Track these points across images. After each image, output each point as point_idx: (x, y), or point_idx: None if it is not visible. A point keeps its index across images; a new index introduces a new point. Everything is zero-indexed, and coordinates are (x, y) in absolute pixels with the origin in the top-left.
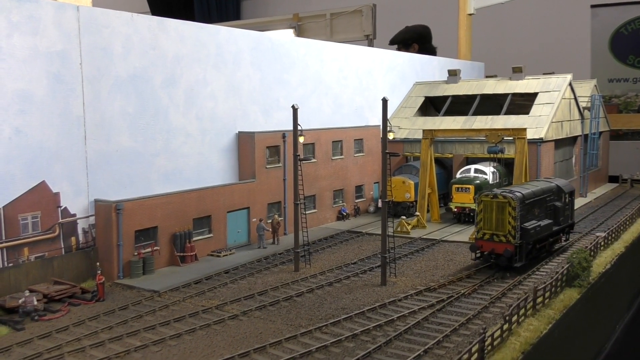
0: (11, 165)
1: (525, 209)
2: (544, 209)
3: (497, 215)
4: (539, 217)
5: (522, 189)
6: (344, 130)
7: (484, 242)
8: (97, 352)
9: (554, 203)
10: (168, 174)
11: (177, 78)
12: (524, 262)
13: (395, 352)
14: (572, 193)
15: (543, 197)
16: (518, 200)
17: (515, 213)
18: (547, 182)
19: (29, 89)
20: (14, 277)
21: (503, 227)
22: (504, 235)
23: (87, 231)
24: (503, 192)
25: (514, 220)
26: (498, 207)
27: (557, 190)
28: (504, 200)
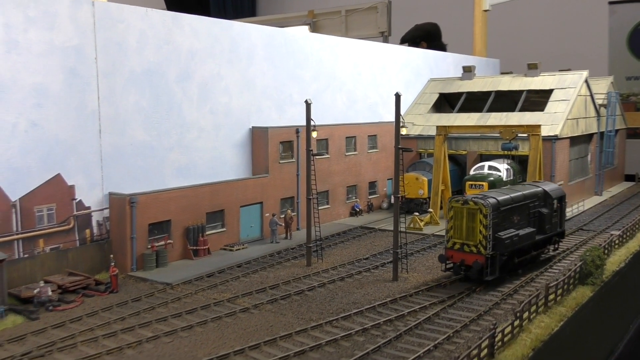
0: (27, 158)
1: (501, 216)
2: (525, 216)
3: (467, 223)
4: (519, 225)
5: (498, 194)
6: (358, 126)
7: (454, 252)
8: (109, 342)
9: (539, 210)
10: (182, 168)
11: (191, 73)
12: (497, 276)
13: (405, 347)
14: (561, 199)
15: (524, 203)
16: (490, 206)
17: (487, 221)
18: (532, 186)
19: (45, 82)
20: (30, 268)
21: (474, 237)
22: (475, 245)
23: (101, 224)
24: (474, 197)
25: (485, 228)
26: (469, 214)
27: (544, 196)
28: (474, 207)
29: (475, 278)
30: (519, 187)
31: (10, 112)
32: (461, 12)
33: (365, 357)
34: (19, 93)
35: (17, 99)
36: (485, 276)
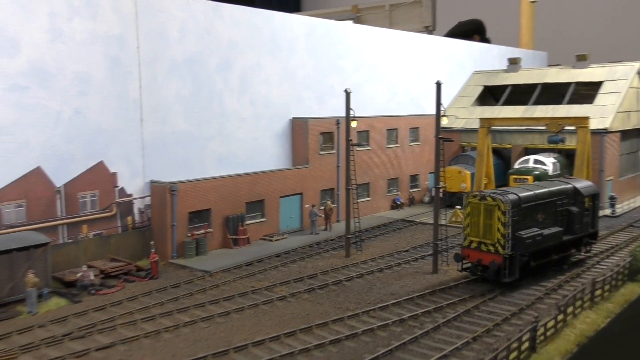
0: (71, 145)
1: (522, 213)
2: (552, 214)
3: (485, 221)
4: (544, 224)
5: (520, 190)
6: (399, 119)
7: (471, 251)
8: (147, 326)
9: (568, 208)
10: (222, 158)
11: (232, 63)
12: (516, 277)
13: (442, 338)
14: (594, 197)
15: (551, 200)
16: (510, 203)
17: (506, 218)
18: (561, 183)
19: (88, 71)
20: (73, 252)
21: (491, 235)
22: (492, 244)
23: (142, 211)
24: (493, 193)
25: (503, 226)
26: (486, 211)
27: (573, 193)
28: (492, 203)
29: (492, 279)
30: (545, 183)
31: (55, 100)
32: (507, 4)
33: (401, 347)
34: (63, 81)
35: (61, 87)
36: (503, 278)
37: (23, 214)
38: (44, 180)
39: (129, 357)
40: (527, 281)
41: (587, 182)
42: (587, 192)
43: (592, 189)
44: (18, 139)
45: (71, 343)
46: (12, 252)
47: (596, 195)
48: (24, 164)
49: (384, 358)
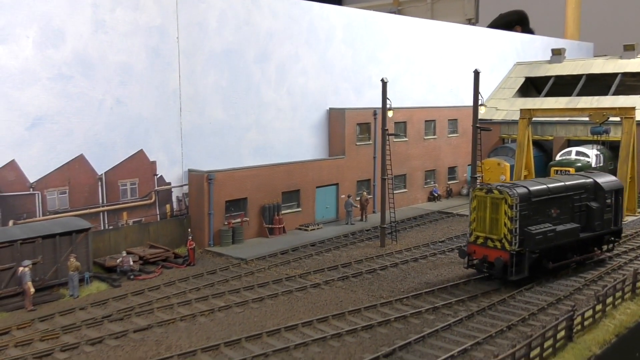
0: (112, 134)
1: (532, 208)
2: (568, 210)
3: (491, 215)
4: (560, 219)
5: (531, 184)
6: (438, 110)
7: (477, 246)
8: (183, 310)
9: (587, 203)
10: (259, 148)
11: (270, 54)
12: (525, 275)
13: (476, 326)
14: (618, 192)
15: (567, 195)
16: (517, 196)
17: (513, 212)
18: (581, 177)
19: (129, 61)
20: (114, 239)
21: (498, 230)
22: (499, 240)
23: (180, 200)
24: (500, 186)
25: (510, 221)
26: (492, 205)
27: (594, 188)
28: (499, 196)
29: (499, 277)
30: (563, 177)
31: (97, 89)
32: None
33: (434, 334)
34: (105, 71)
35: (103, 77)
36: (510, 275)
37: (66, 201)
38: (86, 168)
39: (166, 339)
40: (561, 275)
41: (611, 177)
42: (610, 187)
43: (615, 183)
44: (62, 127)
45: (110, 325)
46: (56, 237)
47: (620, 190)
48: (68, 151)
49: (416, 344)
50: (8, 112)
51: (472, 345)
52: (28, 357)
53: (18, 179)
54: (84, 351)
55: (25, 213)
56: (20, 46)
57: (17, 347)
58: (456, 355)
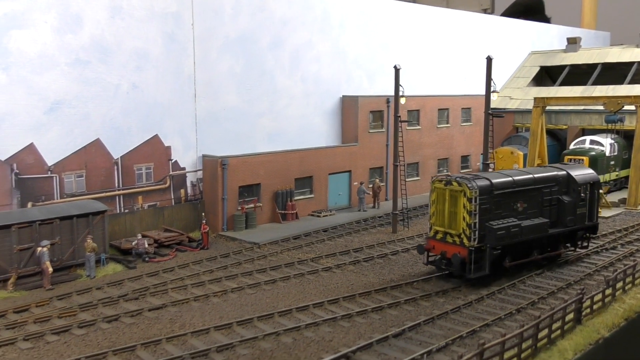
0: (128, 119)
1: (495, 201)
2: (537, 204)
3: (450, 208)
4: (526, 214)
5: (495, 176)
6: (451, 99)
7: (436, 242)
8: (197, 290)
9: (559, 197)
10: (272, 134)
11: (283, 40)
12: (485, 273)
13: (486, 309)
14: (593, 185)
15: (535, 188)
16: (477, 189)
17: (472, 206)
18: (554, 169)
19: (145, 47)
20: (129, 222)
21: (456, 224)
22: (458, 235)
23: (195, 184)
24: (460, 177)
25: (469, 215)
26: (451, 198)
27: (566, 181)
28: (457, 189)
29: (457, 275)
30: (532, 169)
31: (114, 75)
32: None
33: (444, 315)
34: (121, 56)
35: (119, 62)
36: (468, 273)
37: (83, 184)
38: (102, 152)
39: (179, 318)
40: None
41: (587, 170)
42: (584, 180)
43: (590, 176)
44: (79, 111)
45: (126, 304)
46: (73, 219)
47: (596, 184)
48: (85, 135)
49: (425, 325)
50: (27, 96)
51: (481, 327)
52: (47, 333)
53: (36, 162)
54: (101, 328)
55: (43, 195)
56: (39, 31)
57: (36, 323)
58: (465, 335)
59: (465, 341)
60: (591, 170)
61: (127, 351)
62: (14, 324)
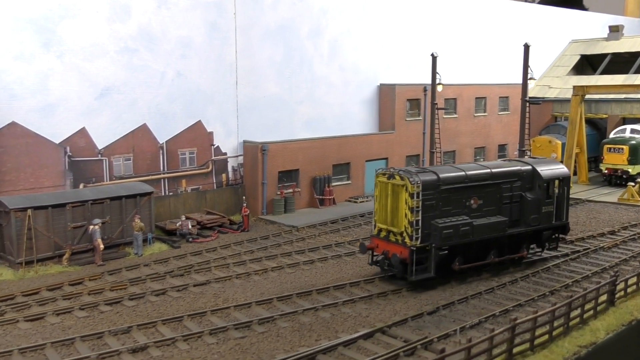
0: (173, 105)
1: (443, 197)
2: (494, 200)
3: (392, 204)
4: (481, 211)
5: (443, 169)
6: (489, 87)
7: (380, 240)
8: (238, 269)
9: (522, 194)
10: (311, 121)
11: (322, 29)
12: (431, 276)
13: (520, 291)
14: (563, 182)
15: (492, 183)
16: (421, 183)
17: (414, 202)
18: (517, 163)
19: (189, 35)
20: (173, 204)
21: (398, 222)
22: (400, 234)
23: (236, 169)
24: (404, 171)
25: (411, 212)
26: (393, 193)
27: (530, 176)
28: (400, 183)
29: (400, 276)
30: (492, 162)
31: (160, 62)
32: None
33: (477, 296)
34: (167, 45)
35: (165, 50)
36: (410, 275)
37: (130, 167)
38: (149, 137)
39: (223, 293)
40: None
41: (556, 165)
42: (550, 176)
43: (558, 172)
44: (127, 97)
45: (172, 279)
46: (122, 199)
47: (565, 180)
48: (132, 120)
49: (459, 304)
50: (79, 82)
51: (514, 307)
52: (100, 303)
53: (88, 145)
54: (150, 300)
55: (94, 177)
56: (91, 21)
57: (90, 294)
58: (498, 314)
59: (498, 319)
60: (561, 166)
61: (175, 321)
62: (70, 295)
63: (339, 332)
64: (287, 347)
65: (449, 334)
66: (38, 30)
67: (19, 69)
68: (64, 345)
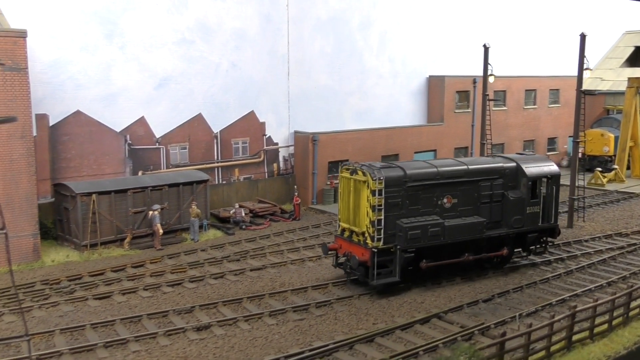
0: (227, 95)
1: (410, 195)
2: (470, 199)
3: (354, 202)
4: (456, 211)
5: (413, 165)
6: (539, 79)
7: (343, 240)
8: (292, 255)
9: (504, 193)
10: (360, 112)
11: (372, 21)
12: (395, 280)
13: (575, 282)
14: (551, 180)
15: (469, 180)
16: (384, 179)
17: (376, 200)
18: (502, 159)
19: (243, 27)
20: (227, 193)
21: (359, 221)
22: (362, 234)
23: (287, 159)
24: (367, 166)
25: (373, 210)
26: (355, 189)
27: (514, 173)
28: (362, 179)
29: (362, 280)
30: (470, 159)
31: (215, 54)
32: None
33: (532, 285)
34: (222, 36)
35: (220, 42)
36: (371, 279)
37: (186, 155)
38: (204, 126)
39: (279, 277)
40: None
41: (545, 162)
42: (536, 174)
43: (546, 170)
44: (184, 87)
45: (229, 264)
46: (179, 186)
47: (554, 178)
48: (188, 110)
49: (514, 292)
50: (139, 73)
51: (570, 297)
52: (162, 285)
53: (146, 134)
54: (209, 283)
55: (151, 165)
56: (150, 13)
57: (152, 276)
58: (554, 303)
59: (555, 308)
60: (551, 163)
61: (235, 303)
62: (134, 276)
63: (395, 317)
64: (345, 329)
65: (505, 321)
66: (102, 22)
67: (84, 59)
68: (132, 322)
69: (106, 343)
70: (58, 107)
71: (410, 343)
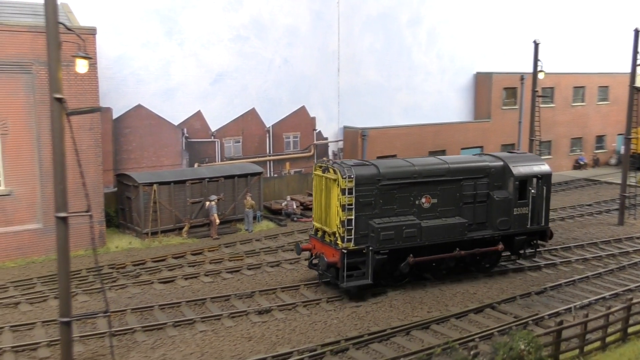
0: (279, 90)
1: (384, 194)
2: (451, 199)
3: (326, 200)
4: (436, 212)
5: (389, 163)
6: (588, 76)
7: (317, 241)
8: None
9: (489, 193)
10: (408, 108)
11: (421, 18)
12: (368, 282)
13: (628, 277)
14: (542, 180)
15: (449, 180)
16: (354, 177)
17: (346, 199)
18: (488, 158)
19: (295, 24)
20: (278, 186)
21: (330, 221)
22: (333, 234)
23: (336, 154)
24: (339, 164)
25: (343, 210)
26: (327, 188)
27: (500, 173)
28: (332, 177)
29: (333, 282)
30: (453, 157)
31: (268, 50)
32: None
33: (585, 279)
34: (275, 33)
35: (273, 38)
36: (341, 281)
37: (239, 149)
38: (257, 121)
39: None
40: None
41: (535, 161)
42: (524, 174)
43: (536, 169)
44: (239, 82)
45: (283, 253)
46: (234, 178)
47: (545, 178)
48: (243, 105)
49: (566, 286)
50: (197, 68)
51: (624, 291)
52: (222, 271)
53: (202, 127)
54: (266, 271)
55: (207, 157)
56: (208, 10)
57: (211, 263)
58: (608, 297)
59: (608, 302)
60: (542, 162)
61: (292, 289)
62: (194, 263)
63: (449, 306)
64: (401, 316)
65: (559, 313)
66: (162, 20)
67: (145, 55)
68: (196, 304)
69: (175, 322)
70: (121, 101)
71: (465, 331)
